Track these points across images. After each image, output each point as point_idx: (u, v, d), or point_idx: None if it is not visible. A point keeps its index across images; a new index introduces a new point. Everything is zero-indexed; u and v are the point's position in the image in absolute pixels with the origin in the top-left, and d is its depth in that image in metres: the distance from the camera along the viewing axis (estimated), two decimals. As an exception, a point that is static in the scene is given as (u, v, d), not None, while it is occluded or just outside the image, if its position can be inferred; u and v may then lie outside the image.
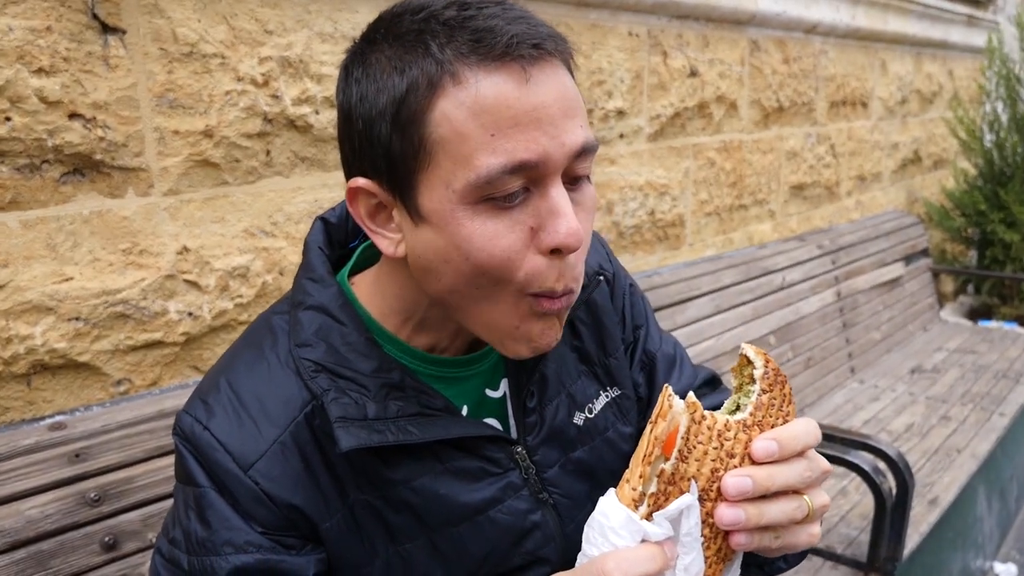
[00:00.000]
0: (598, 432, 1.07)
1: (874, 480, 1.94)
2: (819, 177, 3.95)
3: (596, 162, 2.60)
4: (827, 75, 3.83)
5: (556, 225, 0.77)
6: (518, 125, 0.75)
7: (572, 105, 0.78)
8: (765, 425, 0.72)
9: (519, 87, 0.75)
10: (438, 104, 0.75)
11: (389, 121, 0.78)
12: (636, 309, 1.18)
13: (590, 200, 0.85)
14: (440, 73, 0.75)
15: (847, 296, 3.58)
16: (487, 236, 0.77)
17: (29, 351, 1.41)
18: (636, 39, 2.66)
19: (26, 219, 1.39)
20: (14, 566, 1.21)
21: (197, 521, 0.85)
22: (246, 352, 0.92)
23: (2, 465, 1.26)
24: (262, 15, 1.65)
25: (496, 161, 0.74)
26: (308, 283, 0.92)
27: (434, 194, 0.78)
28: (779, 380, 0.74)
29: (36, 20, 1.34)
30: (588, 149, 0.80)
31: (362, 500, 0.90)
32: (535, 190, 0.78)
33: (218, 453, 0.84)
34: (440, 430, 0.88)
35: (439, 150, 0.77)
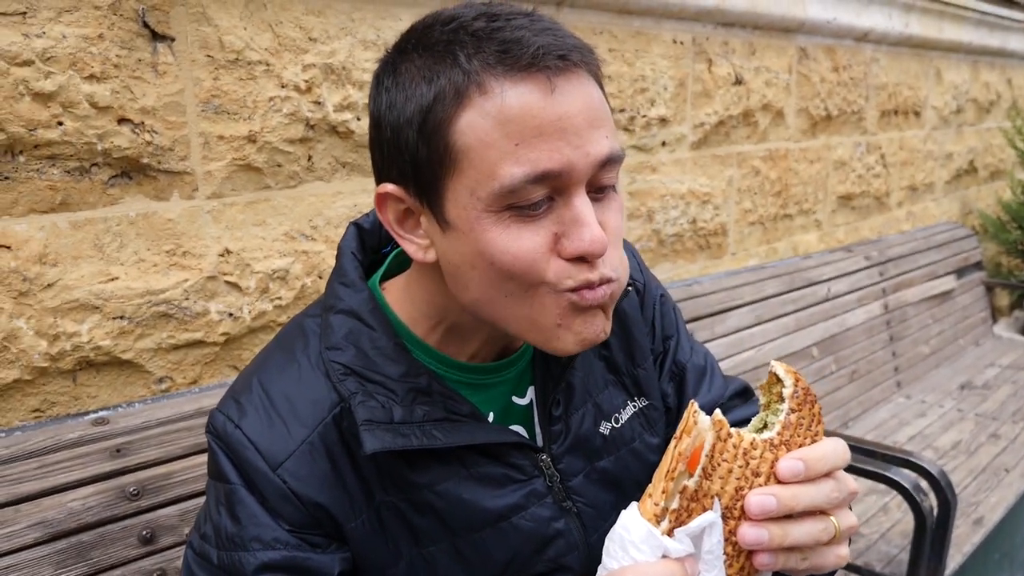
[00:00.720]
0: (624, 442, 1.07)
1: (914, 498, 1.90)
2: (868, 187, 3.87)
3: (637, 170, 2.59)
4: (878, 83, 3.75)
5: (580, 233, 0.78)
6: (542, 135, 0.76)
7: (597, 115, 0.79)
8: (793, 445, 0.71)
9: (544, 97, 0.76)
10: (464, 113, 0.77)
11: (416, 129, 0.80)
12: (667, 320, 1.18)
13: (616, 205, 0.85)
14: (467, 83, 0.76)
15: (895, 309, 3.50)
16: (510, 240, 0.79)
17: (75, 348, 1.46)
18: (680, 46, 2.64)
19: (75, 220, 1.43)
20: (56, 556, 1.24)
21: (227, 517, 0.87)
22: (278, 354, 0.94)
23: (47, 458, 1.30)
24: (307, 23, 1.69)
25: (519, 170, 0.76)
26: (340, 287, 0.94)
27: (459, 201, 0.79)
28: (808, 399, 0.73)
29: (89, 28, 1.39)
30: (613, 159, 0.80)
31: (387, 502, 0.91)
32: (559, 199, 0.79)
33: (248, 451, 0.86)
34: (465, 435, 0.89)
35: (464, 158, 0.78)
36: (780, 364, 0.75)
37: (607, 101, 0.85)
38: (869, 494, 2.52)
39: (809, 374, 2.91)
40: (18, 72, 1.32)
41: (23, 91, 1.33)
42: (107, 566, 1.29)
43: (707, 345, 2.47)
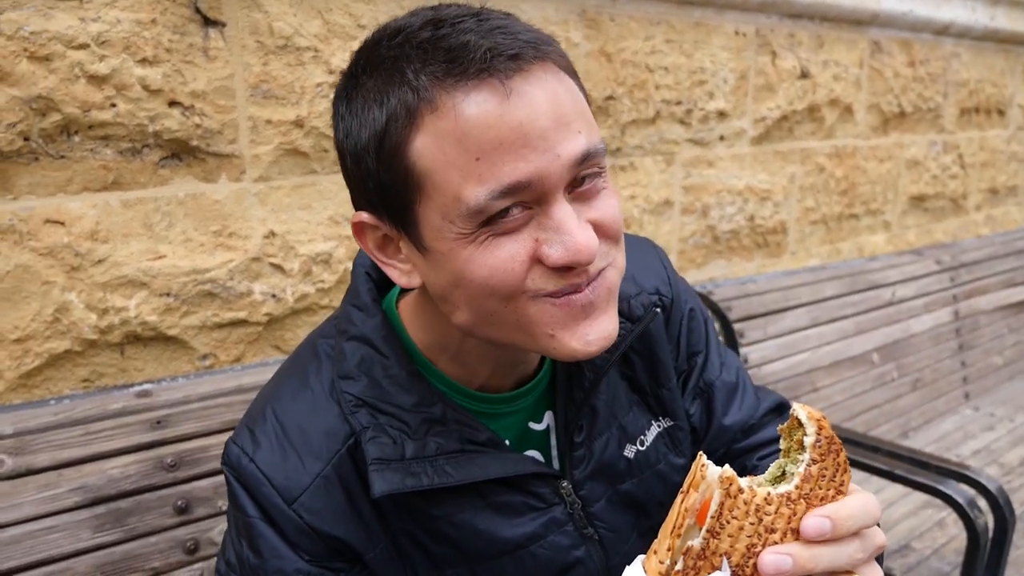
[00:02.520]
0: (649, 465, 1.04)
1: (968, 515, 1.81)
2: (943, 188, 3.70)
3: (693, 164, 2.54)
4: (958, 80, 3.59)
5: (562, 242, 0.73)
6: (503, 145, 0.70)
7: (565, 112, 0.73)
8: (813, 498, 0.66)
9: (500, 104, 0.70)
10: (419, 135, 0.73)
11: (374, 156, 0.76)
12: (694, 335, 1.13)
13: (607, 195, 0.80)
14: (417, 101, 0.72)
15: (966, 316, 3.34)
16: (488, 255, 0.74)
17: (123, 322, 1.51)
18: (743, 38, 2.57)
19: (126, 199, 1.49)
20: (95, 520, 1.30)
21: (249, 549, 0.87)
22: (292, 379, 0.93)
23: (92, 426, 1.36)
24: (356, 10, 1.71)
25: (484, 188, 0.71)
26: (353, 311, 0.92)
27: (433, 225, 0.76)
28: (833, 449, 0.67)
29: (143, 13, 1.44)
30: (592, 154, 0.75)
31: (404, 529, 0.91)
32: (537, 207, 0.74)
33: (264, 487, 0.85)
34: (477, 470, 0.87)
35: (427, 182, 0.74)
36: (803, 407, 0.69)
37: (581, 90, 0.80)
38: (924, 507, 2.42)
39: (868, 380, 2.80)
40: (74, 55, 1.38)
41: (79, 73, 1.39)
42: (143, 533, 1.34)
43: (758, 346, 2.42)
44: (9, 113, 1.34)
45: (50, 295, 1.43)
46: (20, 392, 1.45)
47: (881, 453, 2.04)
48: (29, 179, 1.39)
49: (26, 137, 1.36)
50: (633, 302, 0.99)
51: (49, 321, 1.44)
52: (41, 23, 1.34)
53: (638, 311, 0.98)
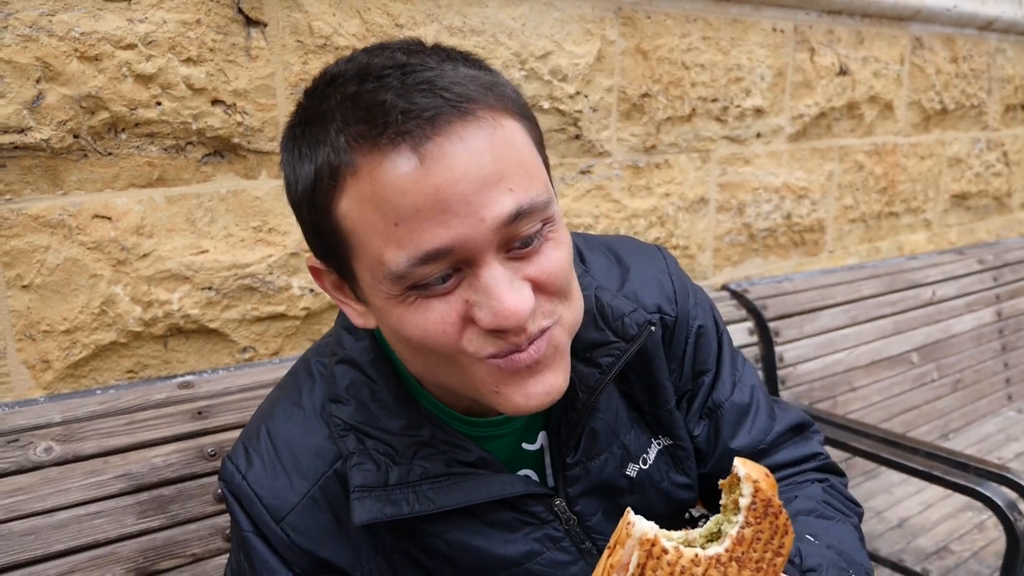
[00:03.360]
0: (652, 483, 1.03)
1: (1008, 517, 1.78)
2: (987, 186, 3.63)
3: (729, 162, 2.52)
4: (1003, 76, 3.51)
5: (490, 307, 0.71)
6: (419, 212, 0.68)
7: (491, 171, 0.70)
8: (747, 561, 0.64)
9: (415, 169, 0.68)
10: (342, 197, 0.72)
11: (308, 210, 0.76)
12: (702, 354, 1.09)
13: (551, 247, 0.76)
14: (339, 163, 0.71)
15: (1010, 316, 3.27)
16: (419, 317, 0.73)
17: (167, 315, 1.56)
18: (780, 35, 2.55)
19: (170, 195, 1.53)
20: (138, 506, 1.34)
21: (244, 561, 0.92)
22: (286, 399, 0.96)
23: (136, 415, 1.40)
24: (394, 9, 1.73)
25: (403, 255, 0.69)
26: (343, 333, 0.94)
27: (366, 282, 0.76)
28: (770, 512, 0.65)
29: (188, 14, 1.47)
30: (526, 211, 0.71)
31: (398, 547, 0.92)
32: (467, 269, 0.72)
33: (255, 505, 0.89)
34: (460, 495, 0.87)
35: (354, 242, 0.73)
36: (744, 464, 0.67)
37: (528, 131, 0.76)
38: (964, 509, 2.38)
39: (907, 381, 2.76)
40: (122, 55, 1.42)
41: (126, 73, 1.43)
42: (184, 520, 1.37)
43: (793, 345, 2.40)
44: (60, 111, 1.38)
45: (97, 288, 1.48)
46: (68, 382, 1.50)
47: (919, 454, 2.01)
48: (78, 175, 1.43)
49: (76, 135, 1.41)
50: (627, 320, 0.95)
51: (96, 313, 1.49)
52: (91, 24, 1.38)
53: (632, 330, 0.95)
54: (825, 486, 1.12)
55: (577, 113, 2.09)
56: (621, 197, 2.25)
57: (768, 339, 2.34)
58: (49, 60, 1.35)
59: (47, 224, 1.42)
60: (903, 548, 2.18)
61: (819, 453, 1.17)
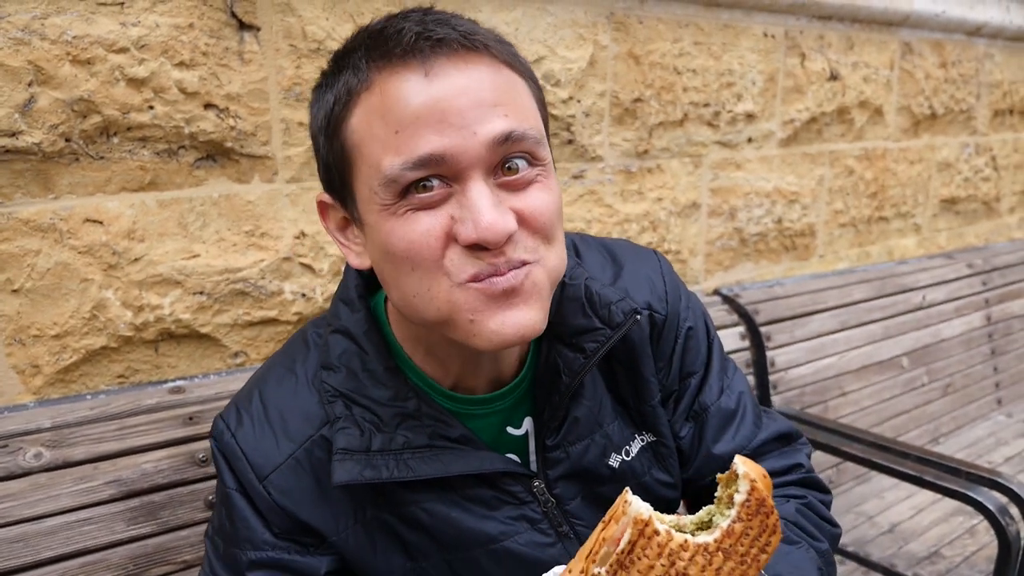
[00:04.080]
0: (634, 475, 1.04)
1: (999, 522, 1.79)
2: (976, 191, 3.65)
3: (720, 166, 2.53)
4: (991, 81, 3.54)
5: (474, 219, 0.75)
6: (419, 119, 0.74)
7: (487, 96, 0.76)
8: (733, 554, 0.67)
9: (419, 82, 0.75)
10: (353, 113, 0.79)
11: (324, 134, 0.83)
12: (690, 355, 1.10)
13: (541, 188, 0.81)
14: (356, 83, 0.78)
15: (999, 321, 3.29)
16: (406, 228, 0.77)
17: (158, 320, 1.55)
18: (771, 40, 2.56)
19: (162, 199, 1.52)
20: (128, 513, 1.33)
21: (226, 517, 0.94)
22: (280, 365, 1.00)
23: (127, 421, 1.39)
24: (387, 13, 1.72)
25: (399, 159, 0.75)
26: (340, 305, 0.97)
27: (363, 198, 0.81)
28: (762, 511, 0.68)
29: (180, 18, 1.47)
30: (516, 138, 0.77)
31: (378, 518, 0.94)
32: (456, 185, 0.77)
33: (240, 462, 0.92)
34: (440, 466, 0.89)
35: (358, 155, 0.79)
36: (744, 462, 0.69)
37: (533, 92, 0.83)
38: (955, 514, 2.39)
39: (897, 385, 2.78)
40: (115, 59, 1.41)
41: (118, 76, 1.42)
42: (175, 526, 1.37)
43: (785, 350, 2.41)
44: (52, 115, 1.37)
45: (88, 292, 1.47)
46: (58, 387, 1.49)
47: (911, 459, 2.02)
48: (69, 179, 1.42)
49: (67, 138, 1.40)
50: (614, 308, 0.98)
51: (87, 318, 1.48)
52: (83, 28, 1.37)
53: (618, 317, 0.97)
54: (800, 504, 1.11)
55: (570, 118, 2.10)
56: (613, 202, 2.26)
57: (759, 344, 2.34)
58: (41, 63, 1.35)
59: (38, 228, 1.41)
60: (895, 553, 2.18)
61: (802, 465, 1.18)
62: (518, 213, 0.78)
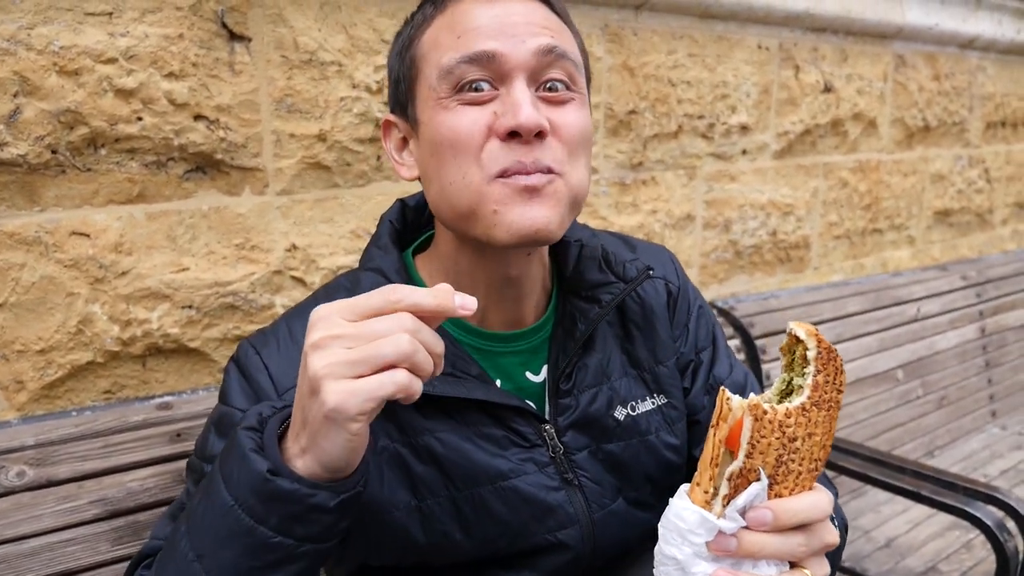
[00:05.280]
0: (639, 433, 1.07)
1: (997, 537, 1.77)
2: (969, 203, 3.66)
3: (715, 178, 2.52)
4: (984, 93, 3.55)
5: (513, 111, 0.86)
6: (479, 28, 0.88)
7: (538, 21, 0.90)
8: (822, 404, 0.73)
9: (485, 5, 0.90)
10: (427, 30, 0.93)
11: (397, 54, 0.97)
12: (703, 331, 1.19)
13: (574, 109, 0.92)
14: (434, 9, 0.93)
15: (993, 333, 3.29)
16: (455, 119, 0.88)
17: (145, 334, 1.52)
18: (766, 52, 2.56)
19: (151, 211, 1.49)
20: (113, 533, 1.30)
21: (216, 434, 0.95)
22: (309, 301, 1.05)
23: (112, 438, 1.36)
24: (380, 25, 1.71)
25: (456, 54, 0.88)
26: (373, 249, 1.04)
27: (421, 98, 0.93)
28: (831, 356, 0.74)
29: (170, 28, 1.45)
30: (558, 53, 0.89)
31: (390, 448, 0.95)
32: (501, 87, 0.89)
33: (261, 375, 0.95)
34: (463, 390, 0.94)
35: (423, 62, 0.92)
36: (799, 325, 0.76)
37: (574, 36, 0.97)
38: (952, 528, 2.37)
39: (892, 398, 2.76)
40: (103, 69, 1.39)
41: (106, 87, 1.40)
42: (161, 546, 1.34)
43: (779, 363, 2.39)
44: (37, 126, 1.35)
45: (74, 307, 1.44)
46: (42, 403, 1.46)
47: (907, 474, 2.01)
48: (56, 191, 1.40)
49: (53, 150, 1.37)
50: (628, 266, 1.06)
51: (72, 332, 1.45)
52: (71, 38, 1.35)
53: (631, 273, 1.05)
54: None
55: (564, 129, 2.08)
56: (608, 214, 2.24)
57: (755, 357, 2.33)
58: (27, 74, 1.32)
59: (23, 241, 1.38)
60: (892, 568, 2.16)
61: None
62: (552, 122, 0.89)
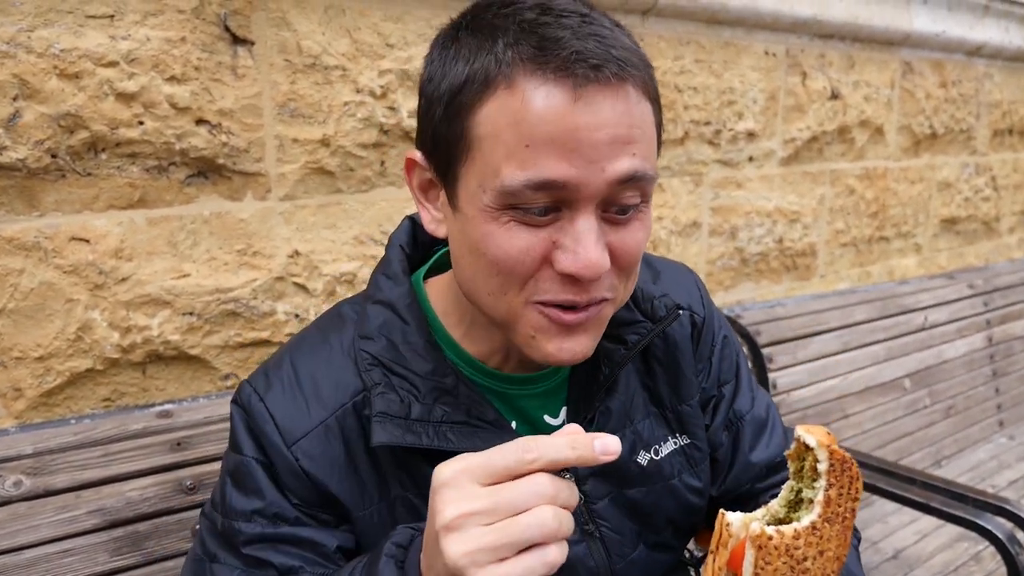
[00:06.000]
0: (662, 477, 1.03)
1: (1008, 550, 1.74)
2: (976, 211, 3.63)
3: (721, 185, 2.50)
4: (991, 101, 3.53)
5: (575, 253, 0.76)
6: (554, 142, 0.73)
7: (626, 133, 0.75)
8: (835, 519, 0.68)
9: (566, 104, 0.72)
10: (487, 104, 0.76)
11: (444, 107, 0.80)
12: (726, 363, 1.13)
13: (640, 226, 0.82)
14: (497, 74, 0.75)
15: (1001, 342, 3.26)
16: (506, 238, 0.77)
17: (146, 341, 1.50)
18: (773, 58, 2.54)
19: (152, 217, 1.48)
20: (112, 543, 1.28)
21: (233, 487, 0.90)
22: (314, 335, 0.98)
23: (112, 447, 1.34)
24: (385, 29, 1.69)
25: (522, 174, 0.73)
26: (382, 278, 0.96)
27: (469, 189, 0.80)
28: (845, 467, 0.69)
29: (172, 31, 1.43)
30: (637, 179, 0.77)
31: (403, 497, 0.92)
32: (566, 211, 0.77)
33: (268, 425, 0.89)
34: (479, 442, 0.88)
35: (477, 148, 0.77)
36: (808, 431, 0.71)
37: (658, 123, 0.82)
38: (960, 540, 2.34)
39: (900, 407, 2.74)
40: (103, 72, 1.37)
41: (107, 91, 1.38)
42: (160, 557, 1.31)
43: (787, 371, 2.37)
44: (37, 130, 1.33)
45: (73, 313, 1.42)
46: (41, 411, 1.44)
47: (916, 484, 1.98)
48: (55, 196, 1.38)
49: (53, 154, 1.36)
50: (656, 303, 0.99)
51: (72, 339, 1.43)
52: (72, 41, 1.33)
53: (660, 311, 0.99)
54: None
55: (569, 135, 2.06)
56: (613, 220, 2.22)
57: (762, 365, 2.30)
58: (27, 77, 1.31)
59: (22, 247, 1.36)
60: (899, 580, 2.14)
61: None
62: (612, 250, 0.79)
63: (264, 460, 0.89)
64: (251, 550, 0.88)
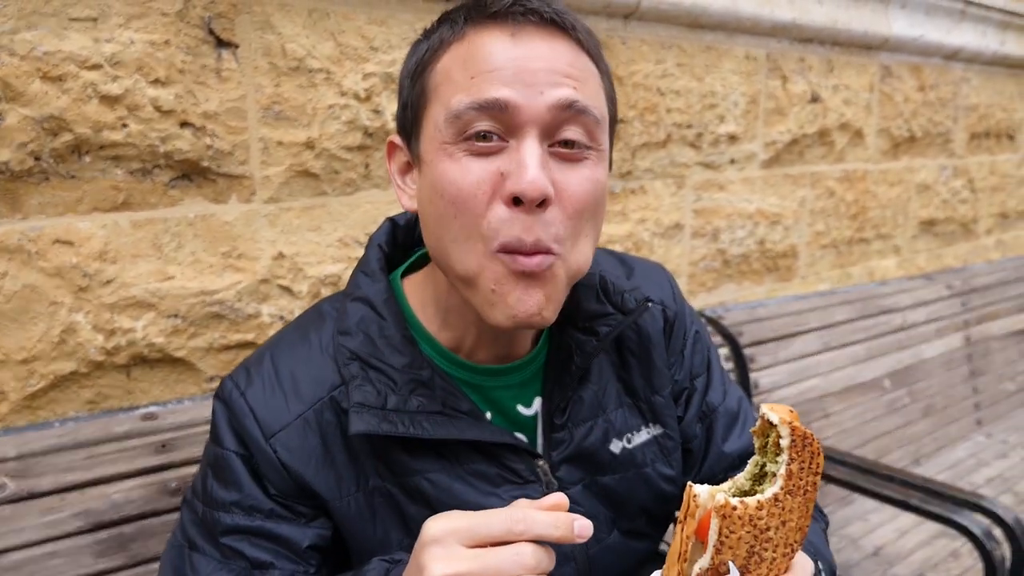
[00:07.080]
0: (635, 465, 1.06)
1: (985, 546, 1.78)
2: (954, 213, 3.68)
3: (703, 188, 2.52)
4: (968, 104, 3.58)
5: (519, 173, 0.79)
6: (495, 71, 0.80)
7: (563, 68, 0.82)
8: (797, 491, 0.71)
9: (505, 41, 0.82)
10: (442, 58, 0.85)
11: (410, 77, 0.90)
12: (698, 357, 1.16)
13: (587, 173, 0.85)
14: (451, 35, 0.85)
15: (978, 342, 3.31)
16: (458, 172, 0.82)
17: (130, 344, 1.50)
18: (753, 62, 2.57)
19: (136, 219, 1.48)
20: (97, 546, 1.28)
21: (213, 478, 0.93)
22: (294, 333, 1.00)
23: (96, 449, 1.34)
24: (369, 32, 1.70)
25: (466, 98, 0.80)
26: (361, 276, 1.00)
27: (427, 135, 0.86)
28: (806, 442, 0.72)
29: (156, 34, 1.43)
30: (578, 109, 0.82)
31: (380, 487, 0.94)
32: (511, 140, 0.82)
33: (247, 419, 0.92)
34: (455, 431, 0.91)
35: (433, 95, 0.85)
36: (771, 408, 0.74)
37: (604, 84, 0.89)
38: (939, 537, 2.38)
39: (880, 406, 2.77)
40: (87, 75, 1.37)
41: (91, 94, 1.38)
42: (145, 559, 1.31)
43: (768, 371, 2.40)
44: (20, 133, 1.33)
45: (57, 316, 1.42)
46: (24, 414, 1.44)
47: (895, 482, 2.01)
48: (39, 199, 1.38)
49: (37, 157, 1.35)
50: (627, 296, 1.02)
51: (56, 342, 1.43)
52: (55, 43, 1.33)
53: (630, 304, 1.01)
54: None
55: (553, 138, 2.08)
56: (597, 222, 2.24)
57: (743, 365, 2.33)
58: (10, 80, 1.30)
59: (5, 249, 1.36)
60: (879, 577, 2.17)
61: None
62: (558, 189, 0.82)
63: (244, 453, 0.92)
64: (228, 540, 0.91)
